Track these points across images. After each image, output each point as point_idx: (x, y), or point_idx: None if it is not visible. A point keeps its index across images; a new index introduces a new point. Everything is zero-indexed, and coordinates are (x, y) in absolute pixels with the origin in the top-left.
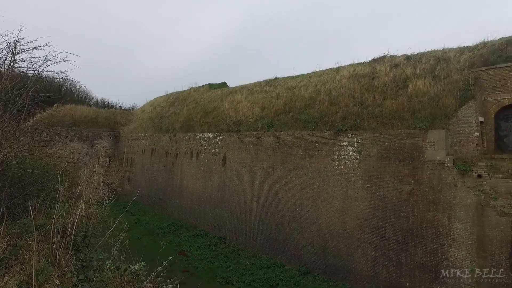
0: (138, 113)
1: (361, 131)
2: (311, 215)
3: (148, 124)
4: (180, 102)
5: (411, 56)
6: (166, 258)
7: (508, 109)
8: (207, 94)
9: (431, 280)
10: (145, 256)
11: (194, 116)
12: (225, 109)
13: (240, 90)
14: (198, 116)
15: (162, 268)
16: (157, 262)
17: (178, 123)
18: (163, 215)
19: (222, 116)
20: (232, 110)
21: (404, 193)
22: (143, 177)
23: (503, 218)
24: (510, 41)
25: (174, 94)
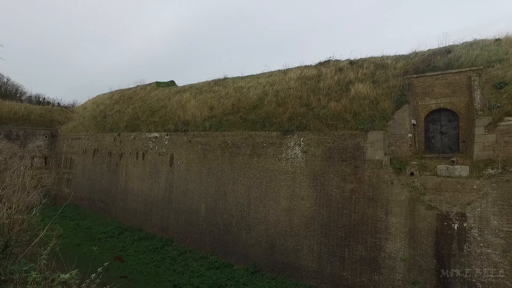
0: (79, 110)
1: (307, 131)
2: (259, 215)
3: (90, 122)
4: (126, 100)
5: (354, 61)
6: (102, 264)
7: (435, 113)
8: (155, 93)
9: (370, 272)
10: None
11: (140, 115)
12: (173, 108)
13: (188, 89)
14: (145, 115)
15: (97, 275)
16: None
17: (123, 122)
18: (106, 219)
19: (169, 115)
20: (180, 109)
21: (347, 191)
22: (84, 179)
23: (430, 211)
24: (436, 53)
25: (119, 92)
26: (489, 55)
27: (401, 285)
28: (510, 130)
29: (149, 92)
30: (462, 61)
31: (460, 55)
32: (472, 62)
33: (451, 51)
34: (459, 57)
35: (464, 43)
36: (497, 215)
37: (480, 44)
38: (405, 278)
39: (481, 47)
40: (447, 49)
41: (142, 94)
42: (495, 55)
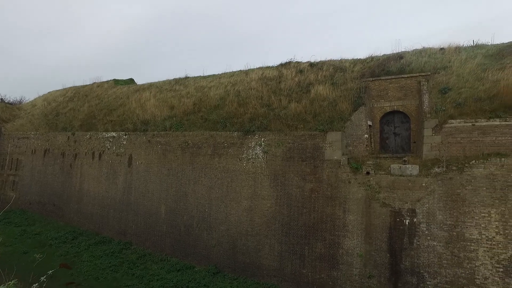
0: (27, 108)
1: (268, 132)
2: (220, 215)
3: (41, 121)
4: (81, 98)
5: (314, 64)
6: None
7: (389, 115)
8: (112, 91)
9: (329, 268)
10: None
11: (96, 114)
12: (131, 107)
13: (148, 88)
14: (102, 114)
15: (39, 284)
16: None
17: (77, 120)
18: (58, 224)
19: (128, 114)
20: (139, 108)
21: (307, 190)
22: (33, 181)
23: (384, 209)
24: (390, 58)
25: (74, 89)
26: (436, 62)
27: (358, 280)
28: (453, 132)
29: (107, 90)
30: (412, 66)
31: (411, 61)
32: (421, 68)
33: (403, 57)
34: (410, 63)
35: (414, 50)
36: (442, 210)
37: (428, 52)
38: (361, 273)
39: (429, 54)
40: (400, 55)
41: (99, 91)
42: (440, 62)
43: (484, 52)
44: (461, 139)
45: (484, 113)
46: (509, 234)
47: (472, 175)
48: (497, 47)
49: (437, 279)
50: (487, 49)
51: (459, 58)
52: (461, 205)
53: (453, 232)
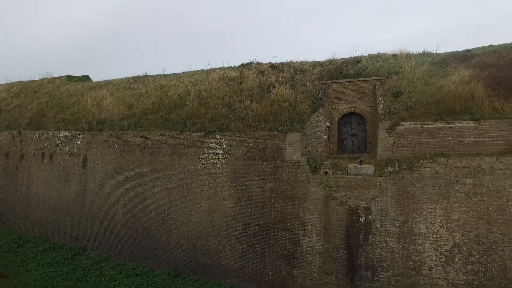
0: None
1: (229, 132)
2: (180, 216)
3: None
4: (29, 94)
5: (275, 65)
6: None
7: (347, 116)
8: (65, 87)
9: (289, 267)
10: None
11: (47, 112)
12: (87, 105)
13: (105, 86)
14: (53, 112)
15: None
16: None
17: (25, 118)
18: (0, 232)
19: (83, 112)
20: (95, 106)
21: (267, 190)
22: None
23: (341, 207)
24: (348, 61)
25: (20, 84)
26: (389, 67)
27: (317, 277)
28: (404, 134)
29: (59, 87)
30: (368, 71)
31: (367, 65)
32: (376, 73)
33: (360, 61)
34: (366, 67)
35: (370, 55)
36: (394, 207)
37: (382, 57)
38: (320, 270)
39: (383, 59)
40: (357, 59)
41: (50, 88)
42: (393, 67)
43: (430, 59)
44: (411, 140)
45: (431, 116)
46: (450, 227)
47: (420, 174)
48: (441, 55)
49: (390, 272)
50: (433, 57)
51: (409, 64)
52: (411, 202)
53: (404, 227)
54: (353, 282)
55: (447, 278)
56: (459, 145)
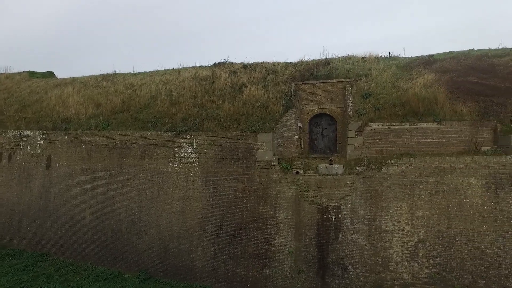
0: None
1: (200, 132)
2: (151, 218)
3: None
4: None
5: (247, 65)
6: None
7: (318, 117)
8: (26, 84)
9: (261, 266)
10: None
11: (5, 109)
12: (51, 103)
13: (71, 83)
14: (12, 110)
15: None
16: None
17: None
18: None
19: (46, 111)
20: (60, 105)
21: (239, 190)
22: None
23: (312, 206)
24: (319, 63)
25: None
26: (358, 70)
27: (289, 275)
28: (373, 134)
29: (19, 83)
30: (338, 72)
31: (337, 67)
32: (346, 74)
33: (331, 63)
34: (337, 69)
35: (340, 57)
36: (363, 205)
37: (352, 59)
38: (292, 269)
39: (353, 62)
40: (327, 61)
41: (9, 84)
42: (362, 70)
43: (397, 63)
44: (379, 140)
45: (397, 117)
46: (415, 224)
47: (388, 173)
48: (406, 59)
49: (359, 269)
50: (399, 61)
51: (378, 67)
52: (379, 200)
53: (372, 225)
54: (324, 280)
55: (412, 272)
56: (423, 145)
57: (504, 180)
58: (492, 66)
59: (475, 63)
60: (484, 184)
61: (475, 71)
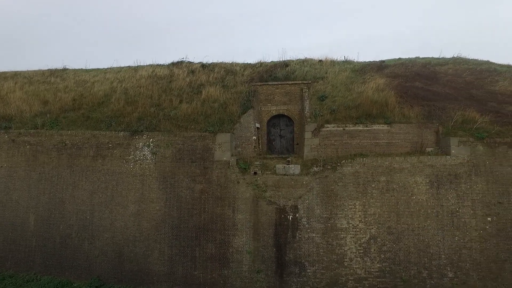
0: None
1: (157, 132)
2: (104, 222)
3: None
4: None
5: (206, 65)
6: None
7: (276, 118)
8: None
9: (220, 268)
10: None
11: None
12: None
13: (12, 77)
14: None
15: None
16: None
17: None
18: None
19: None
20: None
21: (197, 191)
22: None
23: (270, 206)
24: (277, 65)
25: None
26: (315, 72)
27: (248, 276)
28: (328, 135)
29: None
30: (296, 74)
31: (295, 69)
32: (304, 77)
33: (289, 65)
34: (294, 71)
35: (298, 59)
36: (319, 205)
37: (309, 62)
38: (250, 269)
39: (310, 64)
40: (286, 63)
41: None
42: (319, 72)
43: (352, 67)
44: (334, 141)
45: (352, 119)
46: (367, 221)
47: (342, 173)
48: (360, 64)
49: (315, 266)
50: (354, 65)
51: (333, 70)
52: (334, 199)
53: (328, 223)
54: (282, 279)
55: (365, 267)
56: (375, 146)
57: (444, 178)
58: (434, 74)
59: (421, 70)
60: (428, 182)
61: (420, 77)
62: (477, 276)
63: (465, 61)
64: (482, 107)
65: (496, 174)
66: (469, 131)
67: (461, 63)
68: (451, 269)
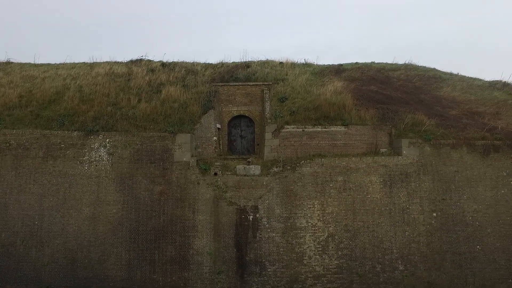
0: None
1: (114, 132)
2: (55, 227)
3: None
4: None
5: (166, 64)
6: None
7: (237, 119)
8: None
9: (180, 270)
10: None
11: None
12: None
13: None
14: None
15: None
16: None
17: None
18: None
19: None
20: None
21: (156, 193)
22: None
23: (231, 207)
24: (238, 66)
25: None
26: (276, 74)
27: (208, 277)
28: (288, 136)
29: None
30: (257, 76)
31: (256, 71)
32: (265, 78)
33: (250, 66)
34: (255, 72)
35: (259, 61)
36: (279, 204)
37: (270, 64)
38: (211, 270)
39: (271, 66)
40: (247, 64)
41: None
42: (280, 74)
43: (311, 70)
44: (294, 142)
45: (311, 120)
46: (326, 220)
47: (302, 173)
48: (320, 67)
49: (276, 265)
50: (313, 68)
51: (294, 73)
52: (294, 199)
53: (288, 223)
54: (243, 279)
55: (323, 265)
56: (333, 147)
57: (397, 178)
58: (388, 78)
59: (376, 74)
60: (382, 181)
61: (375, 82)
62: (424, 267)
63: (415, 67)
64: (429, 111)
65: (441, 173)
66: (418, 133)
67: (411, 69)
68: (402, 262)
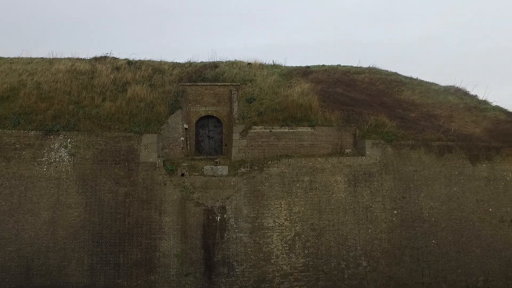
0: None
1: (76, 132)
2: (7, 233)
3: None
4: None
5: (132, 62)
6: None
7: (204, 119)
8: None
9: (146, 273)
10: None
11: None
12: None
13: None
14: None
15: None
16: None
17: None
18: None
19: None
20: None
21: (121, 194)
22: None
23: (198, 208)
24: (206, 66)
25: None
26: (244, 75)
27: (176, 280)
28: (256, 137)
29: None
30: (225, 76)
31: (224, 71)
32: (233, 79)
33: (218, 66)
34: (224, 72)
35: (228, 61)
36: (246, 205)
37: (238, 64)
38: (179, 272)
39: (239, 67)
40: (215, 64)
41: None
42: (248, 75)
43: (279, 71)
44: (262, 143)
45: (278, 121)
46: (292, 219)
47: (269, 173)
48: (288, 68)
49: (244, 265)
50: (281, 69)
51: (262, 74)
52: (261, 199)
53: (255, 223)
54: (210, 280)
55: (290, 263)
56: (300, 147)
57: (360, 177)
58: (353, 81)
59: (341, 77)
60: (347, 181)
61: (341, 84)
62: (385, 262)
63: (378, 71)
64: (391, 113)
65: (401, 172)
66: (381, 134)
67: (375, 73)
68: (365, 259)
